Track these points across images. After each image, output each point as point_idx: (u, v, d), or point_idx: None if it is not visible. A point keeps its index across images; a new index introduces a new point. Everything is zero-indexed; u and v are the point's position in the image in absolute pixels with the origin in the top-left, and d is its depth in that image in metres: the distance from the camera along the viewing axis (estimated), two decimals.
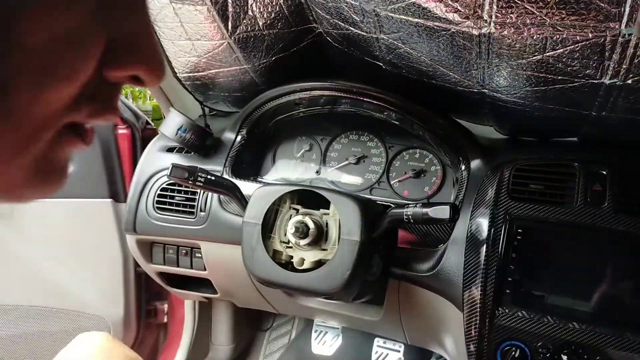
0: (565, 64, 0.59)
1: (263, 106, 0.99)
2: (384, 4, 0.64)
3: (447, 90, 0.80)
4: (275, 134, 1.09)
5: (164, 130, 0.98)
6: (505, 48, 0.61)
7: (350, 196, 0.77)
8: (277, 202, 0.80)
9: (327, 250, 0.77)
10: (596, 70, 0.58)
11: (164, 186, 1.00)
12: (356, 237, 0.74)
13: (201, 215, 0.96)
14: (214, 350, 1.52)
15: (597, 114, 0.69)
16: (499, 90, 0.72)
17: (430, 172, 0.98)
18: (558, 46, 0.57)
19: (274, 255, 0.79)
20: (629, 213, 0.70)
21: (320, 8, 0.78)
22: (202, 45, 0.89)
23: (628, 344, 0.65)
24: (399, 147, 1.01)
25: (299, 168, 1.07)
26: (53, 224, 1.32)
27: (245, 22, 0.82)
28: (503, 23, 0.57)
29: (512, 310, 0.71)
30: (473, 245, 0.75)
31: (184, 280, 1.11)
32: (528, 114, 0.76)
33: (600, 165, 0.75)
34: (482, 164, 0.84)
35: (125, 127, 1.32)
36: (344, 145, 1.05)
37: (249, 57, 0.90)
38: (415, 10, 0.61)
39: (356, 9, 0.70)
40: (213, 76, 0.98)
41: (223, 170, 0.99)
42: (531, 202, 0.74)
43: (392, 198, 0.97)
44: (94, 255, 1.35)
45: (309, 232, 0.76)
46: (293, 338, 1.55)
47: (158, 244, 1.06)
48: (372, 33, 0.73)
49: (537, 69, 0.62)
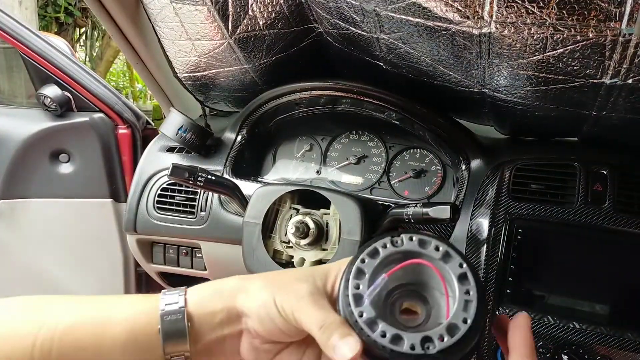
0: (565, 63, 0.59)
1: (263, 106, 0.99)
2: (384, 4, 0.64)
3: (447, 90, 0.80)
4: (275, 133, 1.09)
5: (164, 130, 0.98)
6: (505, 48, 0.61)
7: (351, 196, 0.77)
8: (278, 202, 0.80)
9: (327, 250, 0.77)
10: (597, 70, 0.58)
11: (164, 186, 1.00)
12: (356, 237, 0.74)
13: (201, 215, 0.96)
14: None
15: (597, 113, 0.68)
16: (500, 90, 0.72)
17: (431, 172, 0.98)
18: (558, 46, 0.57)
19: (274, 255, 0.79)
20: (630, 213, 0.70)
21: (320, 8, 0.78)
22: (202, 45, 0.89)
23: (628, 343, 0.65)
24: (399, 147, 1.01)
25: (300, 168, 1.07)
26: (53, 223, 1.32)
27: (245, 22, 0.82)
28: (503, 23, 0.57)
29: (512, 310, 0.71)
30: (473, 245, 0.75)
31: (185, 280, 1.11)
32: (528, 114, 0.76)
33: (600, 165, 0.75)
34: (482, 164, 0.84)
35: (126, 127, 1.32)
36: (344, 145, 1.05)
37: (250, 57, 0.90)
38: (416, 10, 0.61)
39: (356, 8, 0.70)
40: (213, 76, 0.98)
41: (223, 170, 0.99)
42: (532, 202, 0.74)
43: (393, 198, 0.97)
44: (94, 255, 1.35)
45: (309, 232, 0.76)
46: None
47: (158, 244, 1.06)
48: (373, 33, 0.73)
49: (537, 69, 0.62)
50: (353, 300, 0.38)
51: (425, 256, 0.40)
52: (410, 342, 0.36)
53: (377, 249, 0.41)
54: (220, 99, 1.09)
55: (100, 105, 1.27)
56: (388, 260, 0.40)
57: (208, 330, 0.42)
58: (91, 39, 7.02)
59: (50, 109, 1.25)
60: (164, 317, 0.41)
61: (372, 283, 0.39)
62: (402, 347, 0.36)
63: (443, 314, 0.39)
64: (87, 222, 1.32)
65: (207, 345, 0.43)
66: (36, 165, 1.29)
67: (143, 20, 0.98)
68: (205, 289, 0.45)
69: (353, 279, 0.39)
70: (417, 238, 0.40)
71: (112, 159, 1.30)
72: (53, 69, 1.21)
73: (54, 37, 1.39)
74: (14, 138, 1.26)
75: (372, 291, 0.38)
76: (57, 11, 6.14)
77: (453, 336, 0.36)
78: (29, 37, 1.18)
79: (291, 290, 0.41)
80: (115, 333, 0.41)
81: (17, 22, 1.17)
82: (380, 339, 0.37)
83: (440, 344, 0.36)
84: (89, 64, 6.70)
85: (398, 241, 0.41)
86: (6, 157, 1.26)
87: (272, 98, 0.97)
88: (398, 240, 0.41)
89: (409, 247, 0.40)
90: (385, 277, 0.39)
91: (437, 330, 0.37)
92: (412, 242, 0.40)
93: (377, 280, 0.39)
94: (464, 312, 0.37)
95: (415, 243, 0.40)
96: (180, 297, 0.43)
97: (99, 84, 1.27)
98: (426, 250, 0.40)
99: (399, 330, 0.37)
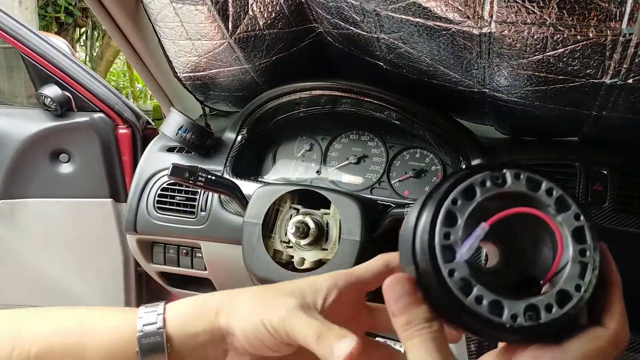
0: (566, 63, 0.59)
1: (263, 106, 0.99)
2: (384, 4, 0.64)
3: (447, 90, 0.80)
4: (275, 133, 1.09)
5: (164, 130, 0.98)
6: (505, 47, 0.61)
7: (351, 196, 0.77)
8: (278, 202, 0.80)
9: (327, 250, 0.77)
10: (597, 69, 0.58)
11: (164, 186, 1.00)
12: (357, 236, 0.74)
13: (202, 215, 0.96)
14: None
15: (597, 113, 0.68)
16: (500, 89, 0.72)
17: (431, 171, 0.98)
18: (559, 46, 0.56)
19: (274, 255, 0.79)
20: (630, 213, 0.70)
21: (320, 8, 0.78)
22: (202, 45, 0.89)
23: (628, 343, 0.65)
24: (399, 146, 1.01)
25: (300, 168, 1.07)
26: (53, 223, 1.32)
27: (245, 22, 0.82)
28: (503, 22, 0.57)
29: None
30: None
31: (185, 280, 1.11)
32: (529, 114, 0.76)
33: (601, 165, 0.75)
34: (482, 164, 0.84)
35: (126, 127, 1.32)
36: (344, 145, 1.05)
37: (250, 56, 0.90)
38: (416, 9, 0.61)
39: (357, 8, 0.70)
40: (213, 76, 0.98)
41: (223, 170, 0.99)
42: None
43: (393, 198, 0.97)
44: (95, 255, 1.35)
45: (310, 231, 0.76)
46: None
47: (159, 244, 1.06)
48: (373, 33, 0.73)
49: (537, 69, 0.62)
50: (441, 253, 0.30)
51: (535, 202, 0.32)
52: (512, 311, 0.29)
53: (474, 187, 0.32)
54: (220, 99, 1.09)
55: (100, 105, 1.28)
56: (487, 203, 0.32)
57: (189, 352, 0.40)
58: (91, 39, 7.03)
59: (50, 109, 1.25)
60: (141, 340, 0.39)
61: (468, 233, 0.31)
62: (502, 317, 0.29)
63: (538, 266, 0.32)
64: (87, 222, 1.32)
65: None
66: (36, 165, 1.29)
67: (143, 20, 0.98)
68: (186, 307, 0.42)
69: (442, 226, 0.31)
70: (526, 176, 0.32)
71: (112, 158, 1.30)
72: (53, 69, 1.21)
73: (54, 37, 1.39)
74: (14, 138, 1.26)
75: (469, 244, 0.30)
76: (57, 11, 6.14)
77: (563, 307, 0.30)
78: (29, 37, 1.18)
79: (280, 305, 0.38)
80: (94, 357, 0.39)
81: (17, 22, 1.17)
82: (476, 306, 0.29)
83: (547, 315, 0.29)
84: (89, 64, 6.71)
85: (500, 178, 0.32)
86: (6, 157, 1.26)
87: (272, 98, 0.97)
88: (500, 177, 0.32)
89: (515, 188, 0.32)
90: (485, 226, 0.31)
91: (545, 298, 0.30)
92: (519, 181, 0.32)
93: (476, 230, 0.31)
94: (579, 278, 0.30)
95: (523, 183, 0.32)
96: (159, 317, 0.40)
97: (99, 84, 1.27)
98: (536, 194, 0.32)
99: (497, 296, 0.30)
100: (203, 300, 0.42)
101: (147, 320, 0.40)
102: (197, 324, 0.40)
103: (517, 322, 0.29)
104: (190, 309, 0.42)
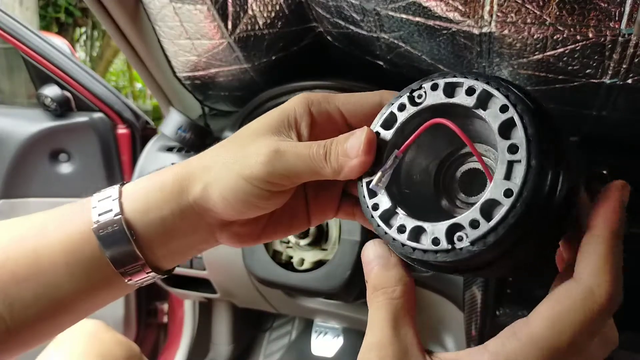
0: (565, 63, 0.59)
1: (263, 105, 0.99)
2: (384, 3, 0.64)
3: None
4: None
5: (163, 129, 0.98)
6: (506, 47, 0.61)
7: None
8: None
9: (327, 250, 0.77)
10: (596, 69, 0.58)
11: None
12: (357, 237, 0.73)
13: None
14: (214, 351, 1.52)
15: (597, 113, 0.68)
16: None
17: None
18: (558, 45, 0.57)
19: (273, 255, 0.79)
20: (630, 213, 0.70)
21: (320, 7, 0.78)
22: (202, 44, 0.88)
23: (628, 343, 0.65)
24: None
25: None
26: None
27: (245, 21, 0.82)
28: (504, 22, 0.57)
29: (513, 310, 0.71)
30: None
31: (184, 280, 1.11)
32: None
33: (600, 165, 0.75)
34: None
35: (125, 126, 1.32)
36: None
37: (249, 56, 0.90)
38: (416, 9, 0.61)
39: (357, 8, 0.70)
40: (213, 75, 0.98)
41: None
42: None
43: None
44: None
45: (309, 232, 0.76)
46: (293, 338, 1.55)
47: None
48: (373, 32, 0.73)
49: (537, 69, 0.62)
50: (367, 193, 0.30)
51: (455, 107, 0.28)
52: (433, 235, 0.26)
53: (394, 113, 0.30)
54: (219, 98, 1.09)
55: (100, 105, 1.28)
56: (410, 126, 0.30)
57: (159, 238, 0.35)
58: (91, 39, 7.03)
59: (50, 109, 1.26)
60: (99, 232, 0.34)
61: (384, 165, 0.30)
62: (424, 243, 0.27)
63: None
64: None
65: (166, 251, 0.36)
66: (36, 165, 1.29)
67: (143, 20, 0.98)
68: (141, 187, 0.36)
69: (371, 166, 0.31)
70: (444, 83, 0.29)
71: (111, 158, 1.30)
72: (53, 69, 1.21)
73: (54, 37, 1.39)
74: (14, 138, 1.26)
75: (382, 174, 0.29)
76: (57, 11, 6.15)
77: (490, 219, 0.25)
78: (29, 37, 1.18)
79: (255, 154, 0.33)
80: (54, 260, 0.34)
81: (17, 23, 1.18)
82: (398, 235, 0.28)
83: (472, 232, 0.25)
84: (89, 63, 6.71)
85: (417, 95, 0.30)
86: (6, 157, 1.26)
87: (272, 97, 0.97)
88: (417, 93, 0.30)
89: (433, 101, 0.29)
90: (397, 155, 0.30)
91: (469, 214, 0.25)
92: (437, 91, 0.29)
93: (389, 159, 0.29)
94: (506, 179, 0.25)
95: (440, 92, 0.29)
96: (115, 203, 0.35)
97: (98, 84, 1.28)
98: (458, 99, 0.28)
99: (421, 222, 0.27)
100: (159, 176, 0.36)
101: (102, 208, 0.35)
102: (160, 206, 0.35)
103: (439, 246, 0.26)
104: (147, 188, 0.36)
